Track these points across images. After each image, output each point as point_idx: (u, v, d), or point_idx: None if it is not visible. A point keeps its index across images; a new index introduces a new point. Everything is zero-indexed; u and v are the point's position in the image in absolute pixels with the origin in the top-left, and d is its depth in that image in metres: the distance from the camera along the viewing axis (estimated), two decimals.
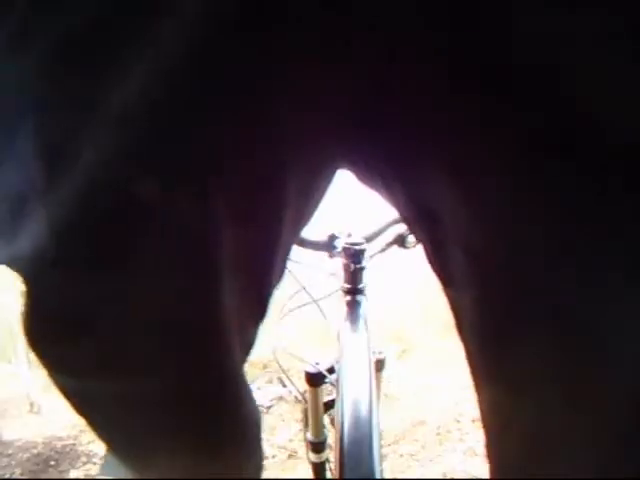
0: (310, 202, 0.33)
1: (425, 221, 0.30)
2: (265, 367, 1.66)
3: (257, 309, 0.35)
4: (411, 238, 0.69)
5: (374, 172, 0.32)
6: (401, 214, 0.35)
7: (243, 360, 0.37)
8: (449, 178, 0.25)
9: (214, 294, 0.29)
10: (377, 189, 0.33)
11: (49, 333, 0.27)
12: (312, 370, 0.68)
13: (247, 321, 0.34)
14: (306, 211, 0.33)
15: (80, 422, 0.33)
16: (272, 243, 0.31)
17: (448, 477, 1.25)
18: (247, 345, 0.37)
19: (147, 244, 0.25)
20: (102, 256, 0.25)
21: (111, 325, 0.27)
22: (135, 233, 0.25)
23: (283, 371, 0.74)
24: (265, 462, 1.29)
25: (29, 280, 0.25)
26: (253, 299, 0.34)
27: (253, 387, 1.52)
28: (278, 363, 0.73)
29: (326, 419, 0.74)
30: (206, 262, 0.27)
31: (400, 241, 0.70)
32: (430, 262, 0.33)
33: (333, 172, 0.32)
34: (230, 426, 0.37)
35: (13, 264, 0.25)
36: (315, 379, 0.68)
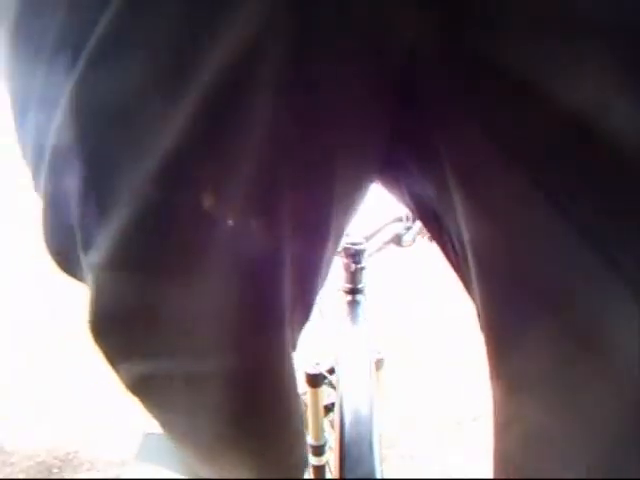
0: (349, 215, 0.35)
1: (449, 216, 0.31)
2: None
3: (303, 314, 0.37)
4: (407, 237, 0.69)
5: (400, 176, 0.34)
6: (420, 213, 0.37)
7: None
8: (464, 175, 0.26)
9: (273, 293, 0.31)
10: (399, 192, 0.36)
11: (112, 325, 0.30)
12: (312, 371, 0.68)
13: (293, 324, 0.36)
14: (346, 224, 0.36)
15: (82, 429, 0.34)
16: (320, 255, 0.33)
17: (448, 477, 1.25)
18: (293, 346, 0.39)
19: (210, 247, 0.27)
20: (163, 260, 0.27)
21: (172, 316, 0.29)
22: (198, 237, 0.26)
23: None
24: None
25: (96, 282, 0.28)
26: (299, 304, 0.35)
27: None
28: None
29: (325, 422, 0.74)
30: (267, 264, 0.29)
31: (397, 240, 0.70)
32: (449, 257, 0.35)
33: (368, 185, 0.34)
34: (279, 419, 0.39)
35: (83, 272, 0.28)
36: (315, 380, 0.68)
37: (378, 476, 0.42)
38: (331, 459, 0.76)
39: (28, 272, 1.86)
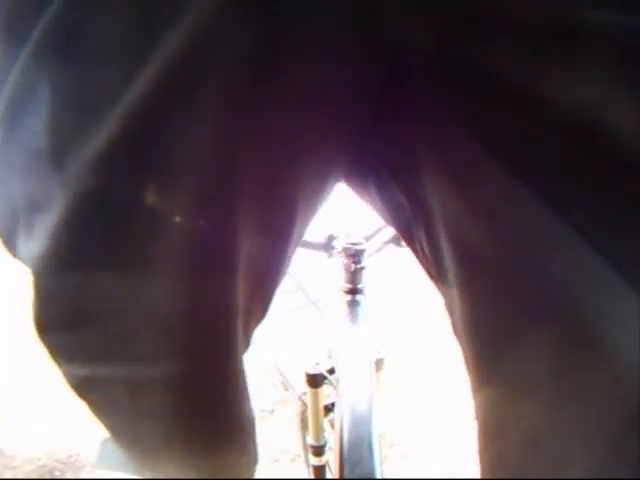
0: (313, 212, 0.34)
1: (420, 219, 0.31)
2: (267, 371, 1.66)
3: (260, 310, 0.36)
4: None
5: (369, 178, 0.33)
6: (391, 217, 0.36)
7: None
8: (447, 176, 0.26)
9: (225, 295, 0.30)
10: (368, 195, 0.35)
11: (53, 323, 0.29)
12: (312, 371, 0.68)
13: (250, 321, 0.35)
14: (310, 220, 0.35)
15: (84, 431, 0.34)
16: (282, 250, 0.32)
17: (448, 477, 1.25)
18: (247, 343, 0.38)
19: (157, 245, 0.26)
20: (109, 255, 0.26)
21: (115, 318, 0.28)
22: (143, 235, 0.25)
23: (282, 374, 0.74)
24: (268, 466, 1.27)
25: (37, 275, 0.26)
26: (258, 300, 0.35)
27: (255, 391, 1.52)
28: (278, 368, 0.73)
29: (325, 422, 0.74)
30: (219, 264, 0.28)
31: (396, 240, 0.70)
32: (422, 262, 0.34)
33: (334, 183, 0.34)
34: (227, 421, 0.38)
35: (25, 260, 0.27)
36: (315, 380, 0.68)
37: (378, 476, 0.42)
38: (331, 459, 0.76)
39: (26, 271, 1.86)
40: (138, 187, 0.24)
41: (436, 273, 0.33)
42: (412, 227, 0.33)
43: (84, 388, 0.33)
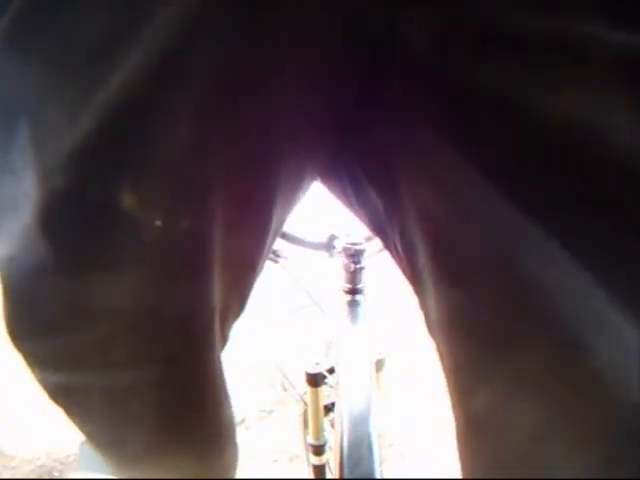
0: (288, 212, 0.34)
1: (395, 220, 0.31)
2: (266, 371, 1.66)
3: (237, 306, 0.36)
4: None
5: (345, 178, 0.33)
6: (367, 217, 0.36)
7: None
8: (425, 179, 0.26)
9: (200, 294, 0.29)
10: (344, 195, 0.35)
11: (27, 329, 0.28)
12: (312, 370, 0.68)
13: (227, 318, 0.35)
14: (284, 219, 0.35)
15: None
16: (258, 248, 0.32)
17: (448, 477, 1.25)
18: (224, 340, 0.37)
19: (128, 246, 0.25)
20: (81, 257, 0.25)
21: (91, 322, 0.27)
22: (114, 235, 0.25)
23: (284, 375, 0.74)
24: (267, 466, 1.27)
25: (7, 278, 0.26)
26: (235, 297, 0.35)
27: (254, 391, 1.52)
28: (280, 369, 0.73)
29: (325, 422, 0.74)
30: (195, 262, 0.28)
31: None
32: (398, 262, 0.34)
33: (310, 182, 0.34)
34: (206, 421, 0.38)
35: None
36: (315, 379, 0.68)
37: (378, 476, 0.42)
38: (331, 459, 0.77)
39: None
40: (109, 186, 0.23)
41: (410, 274, 0.33)
42: (387, 227, 0.33)
43: (60, 394, 0.32)
